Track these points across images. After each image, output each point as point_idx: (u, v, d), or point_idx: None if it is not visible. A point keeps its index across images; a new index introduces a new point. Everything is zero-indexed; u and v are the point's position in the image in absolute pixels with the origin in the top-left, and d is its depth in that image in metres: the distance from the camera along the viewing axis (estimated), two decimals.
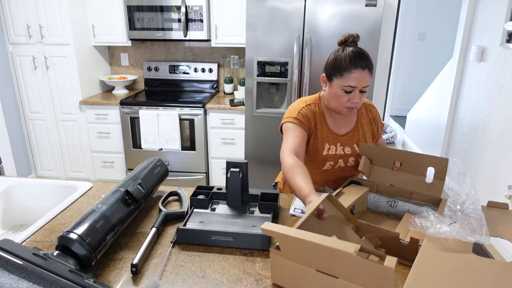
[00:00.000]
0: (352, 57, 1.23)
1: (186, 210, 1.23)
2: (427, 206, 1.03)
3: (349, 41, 1.29)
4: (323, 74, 1.33)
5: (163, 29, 3.07)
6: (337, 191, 1.17)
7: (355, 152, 1.39)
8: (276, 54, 2.62)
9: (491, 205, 1.01)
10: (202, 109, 2.98)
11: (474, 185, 2.79)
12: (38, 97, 3.19)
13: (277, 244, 0.87)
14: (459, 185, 0.92)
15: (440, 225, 0.87)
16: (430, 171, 1.20)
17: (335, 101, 1.29)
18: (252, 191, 1.29)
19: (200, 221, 1.16)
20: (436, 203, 1.12)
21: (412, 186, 1.18)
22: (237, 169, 1.23)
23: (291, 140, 1.27)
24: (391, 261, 0.72)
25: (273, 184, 1.69)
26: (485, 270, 0.76)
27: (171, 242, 1.07)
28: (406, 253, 0.94)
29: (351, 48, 1.25)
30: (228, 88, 3.38)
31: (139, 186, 1.17)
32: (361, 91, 1.26)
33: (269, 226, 0.85)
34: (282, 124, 1.37)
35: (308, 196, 1.03)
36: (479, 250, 0.94)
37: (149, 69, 3.48)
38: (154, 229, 1.09)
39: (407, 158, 1.26)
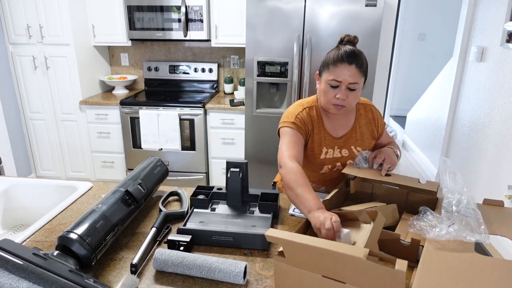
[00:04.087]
0: (342, 53, 1.22)
1: (186, 210, 1.23)
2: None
3: (345, 40, 1.29)
4: (317, 71, 1.34)
5: (163, 29, 3.07)
6: (332, 192, 1.17)
7: (353, 154, 1.38)
8: (276, 54, 2.61)
9: (487, 202, 1.01)
10: (202, 109, 2.98)
11: (474, 185, 2.79)
12: (38, 97, 3.19)
13: (280, 250, 0.86)
14: (452, 183, 0.92)
15: (439, 228, 0.87)
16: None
17: (323, 97, 1.28)
18: (252, 191, 1.29)
19: (200, 221, 1.16)
20: (433, 202, 1.11)
21: (407, 185, 1.17)
22: (237, 169, 1.23)
23: (291, 145, 1.25)
24: (402, 264, 0.71)
25: (272, 183, 1.69)
26: (491, 269, 0.75)
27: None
28: (407, 254, 0.94)
29: (344, 47, 1.26)
30: (228, 88, 3.39)
31: (139, 186, 1.17)
32: (350, 89, 1.23)
33: (273, 232, 0.83)
34: (279, 128, 1.35)
35: (316, 210, 1.00)
36: (479, 249, 0.94)
37: (149, 69, 3.48)
38: (154, 229, 1.09)
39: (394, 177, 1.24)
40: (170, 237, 1.03)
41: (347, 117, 1.38)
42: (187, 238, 1.02)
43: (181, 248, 1.01)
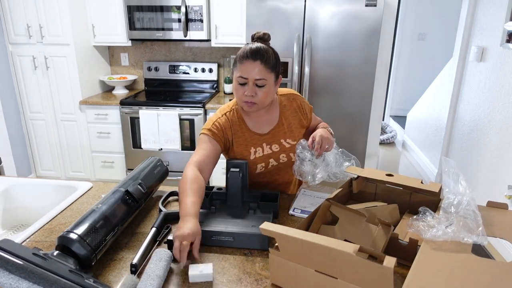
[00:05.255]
0: (247, 50, 1.22)
1: None
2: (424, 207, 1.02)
3: (255, 37, 1.29)
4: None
5: (163, 29, 3.07)
6: (336, 191, 1.17)
7: (284, 147, 1.36)
8: None
9: (491, 205, 1.01)
10: (202, 109, 2.98)
11: (474, 185, 2.79)
12: (38, 97, 3.19)
13: (276, 244, 0.87)
14: (454, 184, 0.92)
15: (437, 228, 0.87)
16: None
17: (235, 95, 1.28)
18: (252, 191, 1.29)
19: (200, 221, 1.16)
20: (435, 203, 1.11)
21: (410, 186, 1.16)
22: (237, 169, 1.23)
23: (200, 152, 1.25)
24: (390, 261, 0.72)
25: None
26: (485, 271, 0.75)
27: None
28: (405, 254, 0.94)
29: (252, 44, 1.25)
30: (228, 88, 3.38)
31: (139, 186, 1.17)
32: (258, 85, 1.23)
33: (268, 226, 0.85)
34: (200, 134, 1.35)
35: (190, 217, 1.01)
36: (479, 250, 0.94)
37: (149, 69, 3.48)
38: (154, 229, 1.09)
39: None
40: (170, 237, 1.03)
41: (270, 113, 1.37)
42: None
43: None
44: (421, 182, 1.10)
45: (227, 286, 0.90)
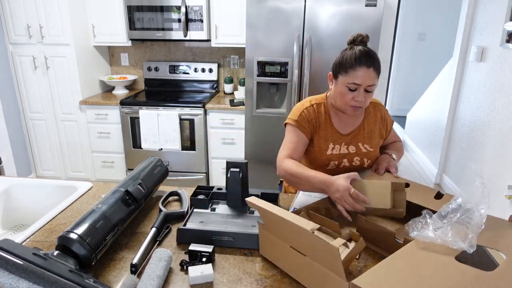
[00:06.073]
0: (358, 55, 1.22)
1: (186, 210, 1.23)
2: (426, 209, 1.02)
3: (358, 40, 1.29)
4: (330, 72, 1.34)
5: (163, 29, 3.07)
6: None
7: (360, 151, 1.38)
8: (276, 54, 2.61)
9: None
10: (202, 109, 2.98)
11: (473, 186, 2.79)
12: (38, 97, 3.19)
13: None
14: (473, 193, 0.91)
15: (425, 229, 0.88)
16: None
17: (340, 99, 1.29)
18: (252, 191, 1.30)
19: (200, 221, 1.16)
20: None
21: (420, 204, 1.12)
22: (237, 169, 1.23)
23: (289, 145, 1.33)
24: (338, 241, 0.77)
25: (279, 182, 1.69)
26: (458, 277, 0.74)
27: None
28: None
29: (359, 47, 1.26)
30: (228, 88, 3.38)
31: (139, 186, 1.17)
32: (367, 91, 1.25)
33: (253, 199, 0.92)
34: (285, 123, 1.40)
35: (329, 178, 1.13)
36: (481, 251, 0.94)
37: (149, 69, 3.48)
38: (154, 229, 1.09)
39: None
40: (191, 247, 0.98)
41: (356, 116, 1.40)
42: (209, 248, 0.98)
43: (204, 259, 0.97)
44: (438, 193, 1.09)
45: (227, 286, 0.90)
